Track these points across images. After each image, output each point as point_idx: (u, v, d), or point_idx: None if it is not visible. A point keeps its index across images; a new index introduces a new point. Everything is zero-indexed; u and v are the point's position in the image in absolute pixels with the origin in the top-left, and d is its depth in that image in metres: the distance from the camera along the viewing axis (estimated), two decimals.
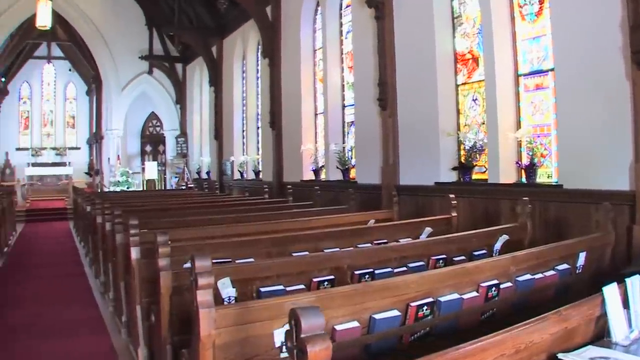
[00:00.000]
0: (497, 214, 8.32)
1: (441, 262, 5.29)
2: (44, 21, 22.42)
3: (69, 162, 34.80)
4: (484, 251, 5.72)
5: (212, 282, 2.98)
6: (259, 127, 19.05)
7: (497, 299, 4.05)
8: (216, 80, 21.80)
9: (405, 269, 4.99)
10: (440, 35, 9.82)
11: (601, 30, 6.72)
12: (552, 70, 7.87)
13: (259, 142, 19.09)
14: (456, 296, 3.68)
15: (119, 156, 27.20)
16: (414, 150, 10.25)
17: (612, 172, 6.58)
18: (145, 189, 26.57)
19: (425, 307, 3.47)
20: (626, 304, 3.14)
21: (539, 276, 4.45)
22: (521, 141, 8.37)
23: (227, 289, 4.14)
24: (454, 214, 7.65)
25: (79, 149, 36.84)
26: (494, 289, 3.99)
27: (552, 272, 4.60)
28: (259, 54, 18.54)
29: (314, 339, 1.78)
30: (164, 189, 27.04)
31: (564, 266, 4.78)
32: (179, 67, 27.36)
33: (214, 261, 5.32)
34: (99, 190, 25.82)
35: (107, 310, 8.30)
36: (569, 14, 7.25)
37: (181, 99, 27.21)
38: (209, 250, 5.51)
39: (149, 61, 26.79)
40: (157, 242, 4.27)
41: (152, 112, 31.03)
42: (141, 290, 5.51)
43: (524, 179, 8.17)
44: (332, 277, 4.53)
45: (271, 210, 10.51)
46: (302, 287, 4.40)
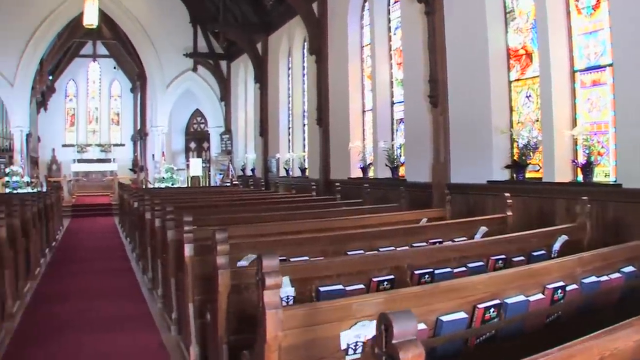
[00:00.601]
0: (551, 213, 8.23)
1: (500, 262, 5.26)
2: (91, 19, 22.90)
3: (114, 159, 35.40)
4: (542, 252, 5.67)
5: (280, 282, 2.97)
6: (305, 124, 19.16)
7: (562, 301, 4.01)
8: (261, 77, 21.93)
9: (464, 269, 4.98)
10: (492, 30, 9.74)
11: None
12: (610, 65, 7.73)
13: (305, 139, 19.21)
14: (522, 298, 3.65)
15: (163, 153, 27.49)
16: (465, 148, 10.19)
17: None
18: (189, 185, 26.74)
19: (492, 310, 3.46)
20: None
21: (605, 278, 4.39)
22: (577, 139, 8.25)
23: (285, 289, 4.15)
24: (509, 213, 7.57)
25: (123, 145, 37.48)
26: (559, 291, 3.94)
27: (617, 275, 4.53)
28: (305, 50, 18.65)
29: (407, 345, 1.72)
30: (208, 185, 27.22)
31: (630, 268, 4.70)
32: (224, 64, 27.56)
33: None
34: (144, 186, 26.08)
35: (155, 306, 8.40)
36: (630, 7, 7.09)
37: (226, 96, 27.40)
38: (263, 248, 5.58)
39: (194, 58, 27.07)
40: (216, 240, 4.27)
41: (197, 109, 31.39)
42: (194, 287, 5.58)
43: (580, 178, 8.06)
44: (391, 276, 4.54)
45: (320, 207, 10.55)
46: (362, 286, 4.42)
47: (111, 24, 28.20)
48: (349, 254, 5.78)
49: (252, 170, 24.24)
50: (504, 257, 5.33)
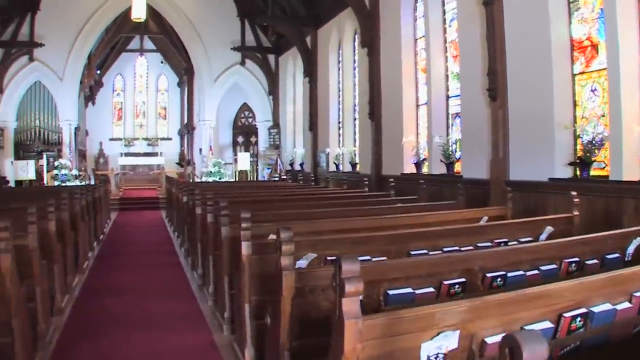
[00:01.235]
0: (618, 213, 7.97)
1: (573, 265, 5.07)
2: (139, 13, 23.08)
3: (161, 152, 35.98)
4: (616, 255, 5.44)
5: (361, 289, 2.78)
6: (356, 118, 19.04)
7: None
8: (311, 70, 21.88)
9: (537, 272, 4.80)
10: (555, 20, 9.44)
11: None
12: None
13: (356, 134, 19.07)
14: (609, 307, 3.47)
15: (211, 147, 27.58)
16: (525, 143, 9.93)
17: None
18: (237, 180, 26.90)
19: (578, 319, 3.29)
20: None
21: None
22: None
23: None
24: (575, 213, 7.32)
25: (170, 139, 37.99)
26: None
27: None
28: (356, 43, 18.51)
29: None
30: (256, 180, 27.37)
31: None
32: (272, 58, 27.54)
33: (330, 258, 5.36)
34: (190, 180, 26.30)
35: (206, 304, 8.35)
36: None
37: (274, 90, 27.38)
38: (323, 246, 5.49)
39: (241, 52, 27.11)
40: (281, 239, 4.17)
41: (244, 103, 31.47)
42: (250, 287, 5.50)
43: None
44: (462, 279, 4.39)
45: (375, 204, 10.41)
46: (432, 290, 4.27)
47: (158, 18, 28.37)
48: (413, 254, 5.65)
49: (301, 164, 24.26)
50: (577, 259, 5.13)
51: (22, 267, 5.86)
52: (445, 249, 5.90)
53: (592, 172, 8.85)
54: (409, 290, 4.19)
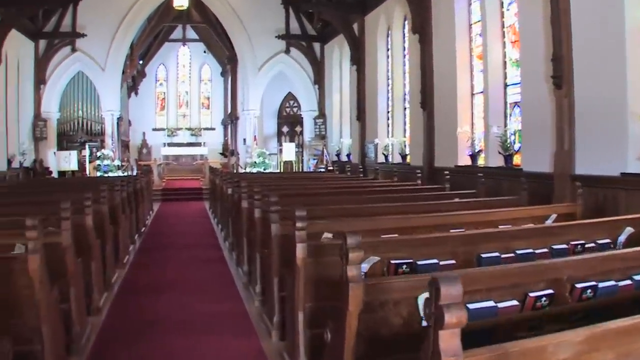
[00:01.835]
0: None
1: None
2: (181, 1, 23.20)
3: (204, 143, 35.95)
4: None
5: (464, 319, 2.23)
6: (406, 108, 18.55)
7: None
8: (358, 58, 21.42)
9: (629, 282, 4.31)
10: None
11: None
12: None
13: (406, 124, 18.58)
14: None
15: (255, 137, 27.36)
16: (593, 134, 9.30)
17: None
18: (282, 171, 26.64)
19: None
20: None
21: None
22: None
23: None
24: None
25: (213, 129, 38.10)
26: None
27: None
28: (406, 30, 18.00)
29: None
30: (301, 171, 27.09)
31: None
32: (317, 46, 27.23)
33: (394, 262, 4.93)
34: (235, 171, 26.18)
35: (252, 304, 7.94)
36: None
37: (319, 79, 27.06)
38: (386, 249, 5.05)
39: (286, 40, 26.82)
40: (347, 245, 3.69)
41: (289, 92, 31.28)
42: (305, 293, 5.11)
43: None
44: (550, 291, 3.92)
45: (431, 198, 9.85)
46: (515, 303, 3.81)
47: (201, 7, 28.21)
48: (483, 257, 5.19)
49: (348, 155, 23.88)
50: None
51: (56, 266, 5.59)
52: (517, 252, 5.43)
53: None
54: (491, 303, 3.74)
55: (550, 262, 4.37)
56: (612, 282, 4.23)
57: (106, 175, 22.32)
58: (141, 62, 33.99)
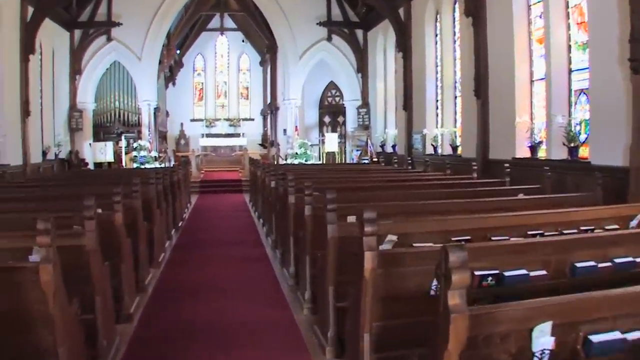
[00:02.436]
0: None
1: None
2: None
3: (243, 133, 35.79)
4: None
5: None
6: (457, 96, 17.80)
7: None
8: (405, 45, 20.66)
9: None
10: None
11: None
12: None
13: (457, 113, 17.85)
14: None
15: (297, 127, 26.91)
16: None
17: None
18: (324, 162, 26.13)
19: None
20: None
21: None
22: None
23: (542, 339, 2.96)
24: None
25: (252, 120, 38.01)
26: None
27: None
28: (457, 13, 17.25)
29: None
30: (344, 162, 26.47)
31: None
32: (359, 33, 26.62)
33: (479, 273, 4.22)
34: (275, 162, 25.70)
35: (301, 312, 7.26)
36: None
37: (363, 67, 26.43)
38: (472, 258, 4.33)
39: (328, 28, 26.29)
40: (450, 264, 2.89)
41: (331, 81, 30.72)
42: (373, 311, 4.42)
43: None
44: None
45: (494, 194, 9.00)
46: None
47: None
48: (578, 267, 4.50)
49: (393, 146, 23.27)
50: None
51: (78, 272, 5.02)
52: (616, 260, 4.70)
53: None
54: (617, 335, 3.04)
55: None
56: None
57: (142, 166, 22.13)
58: (179, 52, 33.89)
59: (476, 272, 4.20)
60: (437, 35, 19.14)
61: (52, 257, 4.08)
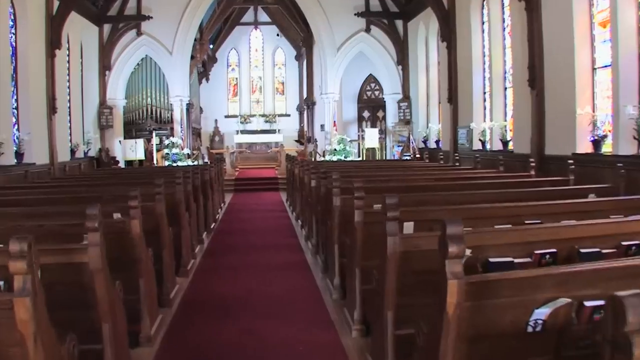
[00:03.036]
0: None
1: None
2: None
3: (279, 130, 35.68)
4: None
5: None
6: (507, 88, 16.87)
7: None
8: (449, 34, 19.79)
9: None
10: None
11: None
12: None
13: (507, 106, 16.92)
14: None
15: (334, 122, 26.30)
16: None
17: None
18: (364, 158, 25.48)
19: None
20: None
21: None
22: None
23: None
24: None
25: (288, 115, 37.72)
26: None
27: None
28: None
29: None
30: (385, 159, 25.76)
31: None
32: (399, 24, 25.91)
33: (590, 304, 3.25)
34: (313, 159, 25.36)
35: (349, 334, 6.25)
36: None
37: (403, 60, 25.73)
38: (575, 284, 3.39)
39: (366, 18, 25.67)
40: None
41: (370, 74, 30.33)
42: (456, 351, 3.45)
43: None
44: None
45: (562, 196, 7.92)
46: None
47: None
48: None
49: (437, 142, 22.50)
50: None
51: (83, 296, 4.23)
52: None
53: None
54: None
55: None
56: None
57: (175, 164, 21.61)
58: (212, 46, 33.65)
59: (587, 303, 3.28)
60: (484, 22, 18.24)
61: (33, 286, 3.17)
